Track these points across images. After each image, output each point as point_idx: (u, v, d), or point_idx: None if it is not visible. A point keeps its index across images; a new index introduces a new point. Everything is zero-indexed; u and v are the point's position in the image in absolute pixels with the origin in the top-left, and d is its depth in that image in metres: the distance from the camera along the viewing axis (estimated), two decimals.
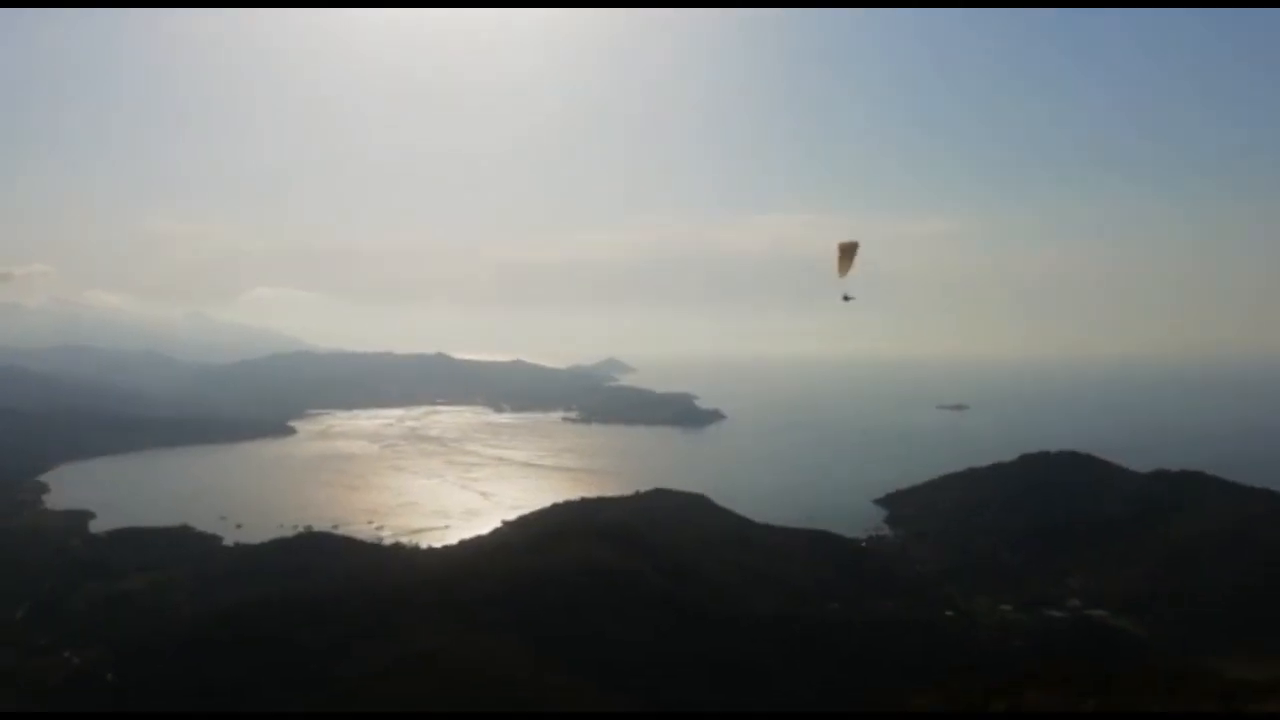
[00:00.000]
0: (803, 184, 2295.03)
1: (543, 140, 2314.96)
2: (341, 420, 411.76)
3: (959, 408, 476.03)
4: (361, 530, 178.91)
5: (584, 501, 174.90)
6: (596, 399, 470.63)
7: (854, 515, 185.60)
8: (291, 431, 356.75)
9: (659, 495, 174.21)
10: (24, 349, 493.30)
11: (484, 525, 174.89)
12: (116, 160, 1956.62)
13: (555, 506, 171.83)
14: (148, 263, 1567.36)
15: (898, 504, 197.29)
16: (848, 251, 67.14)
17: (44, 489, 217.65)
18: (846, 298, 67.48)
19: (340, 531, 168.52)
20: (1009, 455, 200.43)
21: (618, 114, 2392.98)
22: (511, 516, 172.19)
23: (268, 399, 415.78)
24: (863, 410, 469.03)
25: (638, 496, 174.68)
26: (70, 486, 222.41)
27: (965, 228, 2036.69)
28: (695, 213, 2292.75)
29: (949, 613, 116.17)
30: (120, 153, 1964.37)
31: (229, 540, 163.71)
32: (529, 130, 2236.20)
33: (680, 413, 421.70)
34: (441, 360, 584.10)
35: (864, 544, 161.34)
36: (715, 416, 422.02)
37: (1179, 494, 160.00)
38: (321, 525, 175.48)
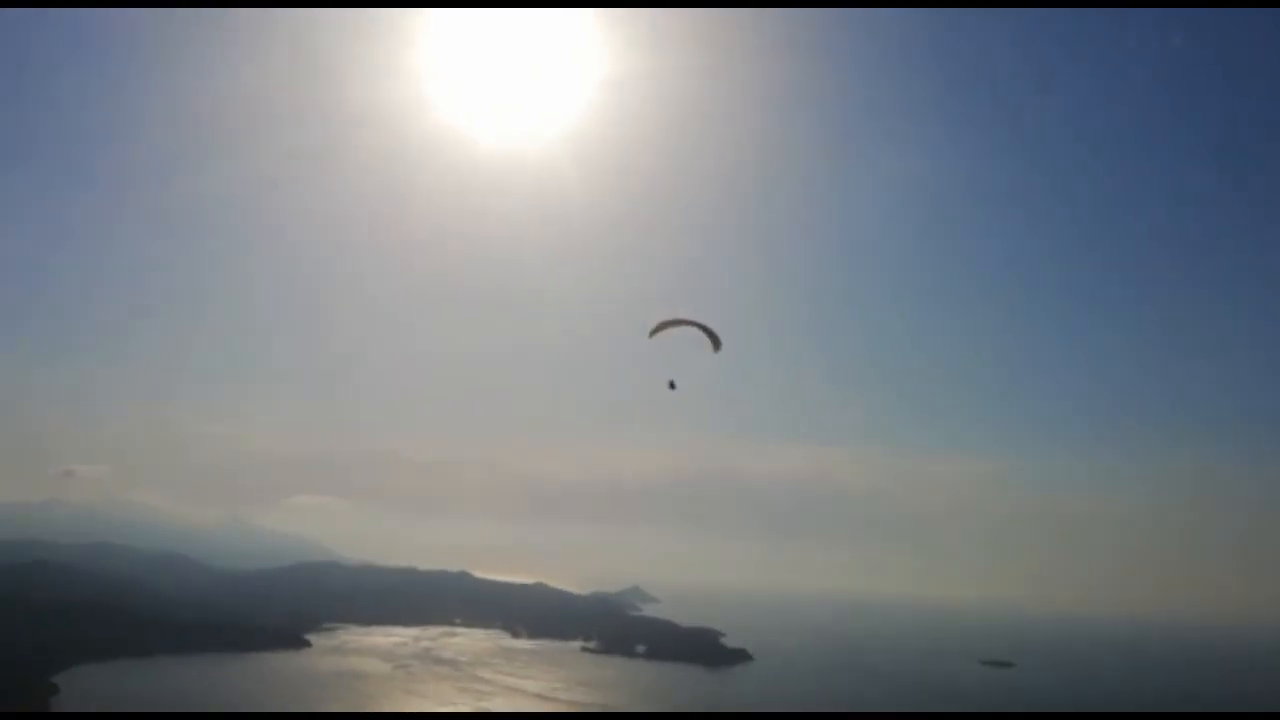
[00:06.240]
0: (839, 417, 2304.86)
1: (580, 353, 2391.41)
2: (357, 636, 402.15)
3: (1004, 664, 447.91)
4: None
5: None
6: (617, 629, 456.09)
7: None
8: (307, 644, 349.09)
9: None
10: (67, 545, 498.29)
11: None
12: (157, 350, 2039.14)
13: None
14: (192, 465, 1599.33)
15: None
16: (671, 323, 66.39)
17: (54, 690, 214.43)
18: (671, 385, 66.53)
19: None
20: None
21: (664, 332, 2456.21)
22: None
23: (288, 609, 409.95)
24: (897, 658, 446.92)
25: None
26: (79, 690, 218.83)
27: (1006, 468, 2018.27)
28: (726, 436, 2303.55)
29: None
30: (160, 342, 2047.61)
31: None
32: (571, 342, 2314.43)
33: (705, 650, 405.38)
34: (463, 579, 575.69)
35: None
36: (742, 656, 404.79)
37: None
38: None
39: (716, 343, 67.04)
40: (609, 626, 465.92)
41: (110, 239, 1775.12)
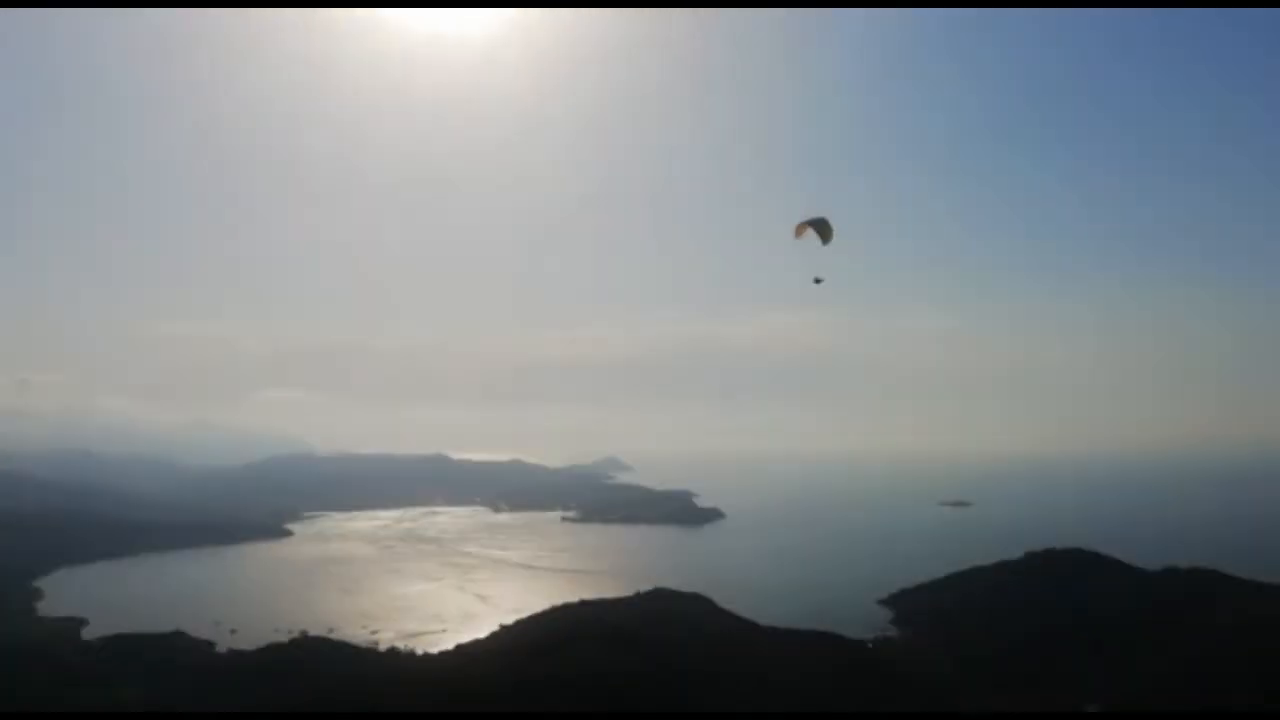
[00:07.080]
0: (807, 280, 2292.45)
1: (542, 236, 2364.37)
2: (339, 522, 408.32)
3: (961, 504, 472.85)
4: (357, 635, 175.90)
5: (583, 604, 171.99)
6: (595, 498, 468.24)
7: (859, 616, 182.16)
8: (288, 534, 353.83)
9: (659, 596, 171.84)
10: (29, 454, 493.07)
11: (481, 629, 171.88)
12: (122, 256, 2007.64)
13: (554, 609, 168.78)
14: (156, 366, 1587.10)
15: (903, 604, 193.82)
16: (807, 226, 68.38)
17: (38, 595, 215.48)
18: (817, 280, 68.23)
19: (335, 636, 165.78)
20: (1015, 552, 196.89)
21: (623, 210, 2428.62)
22: (509, 620, 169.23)
23: (267, 502, 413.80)
24: (864, 507, 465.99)
25: (638, 597, 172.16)
26: (65, 592, 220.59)
27: (964, 322, 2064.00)
28: (696, 307, 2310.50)
29: None
30: (125, 247, 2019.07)
31: (222, 646, 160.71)
32: (530, 225, 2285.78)
33: (679, 511, 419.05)
34: (440, 460, 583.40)
35: (871, 645, 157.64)
36: (714, 515, 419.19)
37: (1193, 592, 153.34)
38: (316, 630, 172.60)
39: (827, 236, 71.54)
40: (586, 495, 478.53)
41: (57, 138, 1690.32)
